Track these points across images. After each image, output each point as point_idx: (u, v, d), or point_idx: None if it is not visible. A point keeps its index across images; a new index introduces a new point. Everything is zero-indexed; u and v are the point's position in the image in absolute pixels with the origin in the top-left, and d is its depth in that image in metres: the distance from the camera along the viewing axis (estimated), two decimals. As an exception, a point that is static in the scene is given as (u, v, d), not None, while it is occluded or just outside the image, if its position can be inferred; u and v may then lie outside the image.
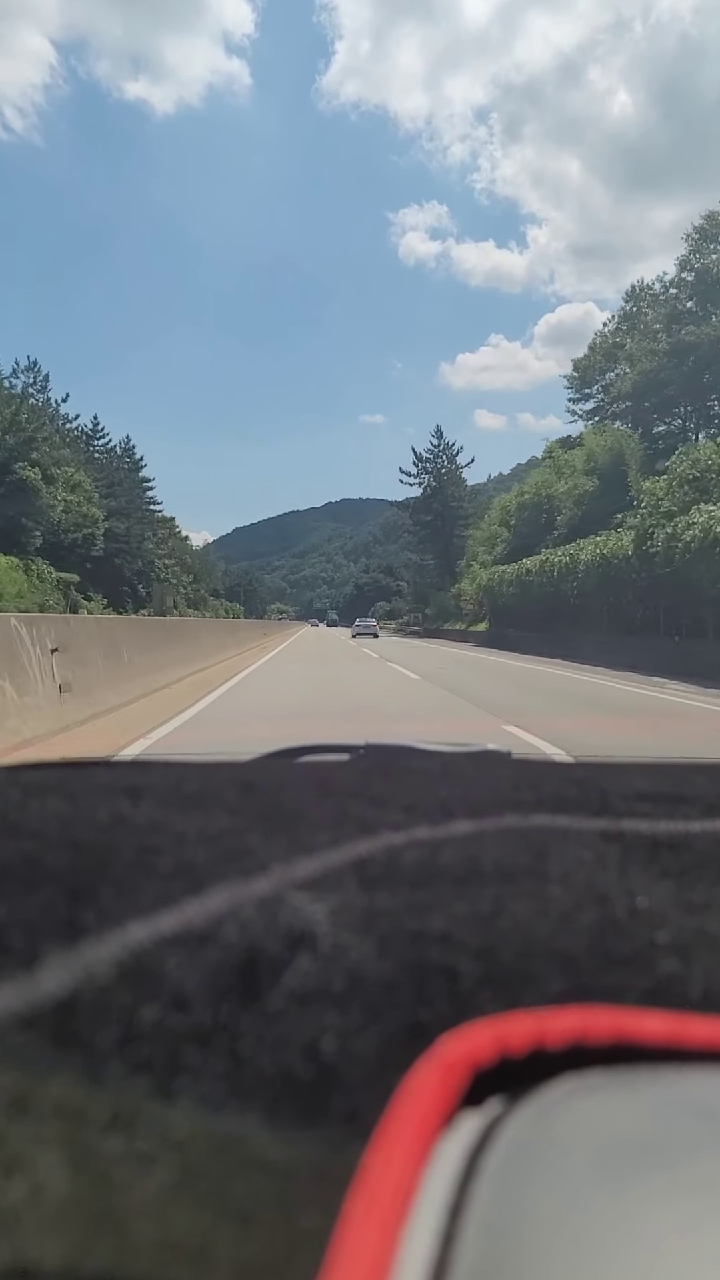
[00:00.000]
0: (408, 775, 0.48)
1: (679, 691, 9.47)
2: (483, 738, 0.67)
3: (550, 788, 0.42)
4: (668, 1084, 0.19)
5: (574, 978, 0.23)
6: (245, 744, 0.95)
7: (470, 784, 0.44)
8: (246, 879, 0.27)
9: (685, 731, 6.31)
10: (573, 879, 0.29)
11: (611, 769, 0.50)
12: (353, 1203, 0.16)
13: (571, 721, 6.52)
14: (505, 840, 0.33)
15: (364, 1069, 0.19)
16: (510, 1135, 0.17)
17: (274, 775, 0.48)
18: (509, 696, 8.60)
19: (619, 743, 5.44)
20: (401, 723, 6.39)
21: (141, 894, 0.26)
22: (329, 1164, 0.17)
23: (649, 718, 7.03)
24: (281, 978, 0.22)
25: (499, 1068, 0.19)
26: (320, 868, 0.28)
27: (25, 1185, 0.16)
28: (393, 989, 0.22)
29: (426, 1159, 0.17)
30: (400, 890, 0.27)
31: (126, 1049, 0.19)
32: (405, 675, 11.34)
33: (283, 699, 8.09)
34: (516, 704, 7.70)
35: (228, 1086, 0.18)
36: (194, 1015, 0.20)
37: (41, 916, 0.25)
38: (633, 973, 0.23)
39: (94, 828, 0.33)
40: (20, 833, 0.32)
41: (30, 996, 0.20)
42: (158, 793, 0.40)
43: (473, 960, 0.23)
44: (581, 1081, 0.19)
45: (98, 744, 4.84)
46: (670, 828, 0.35)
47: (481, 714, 6.85)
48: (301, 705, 7.39)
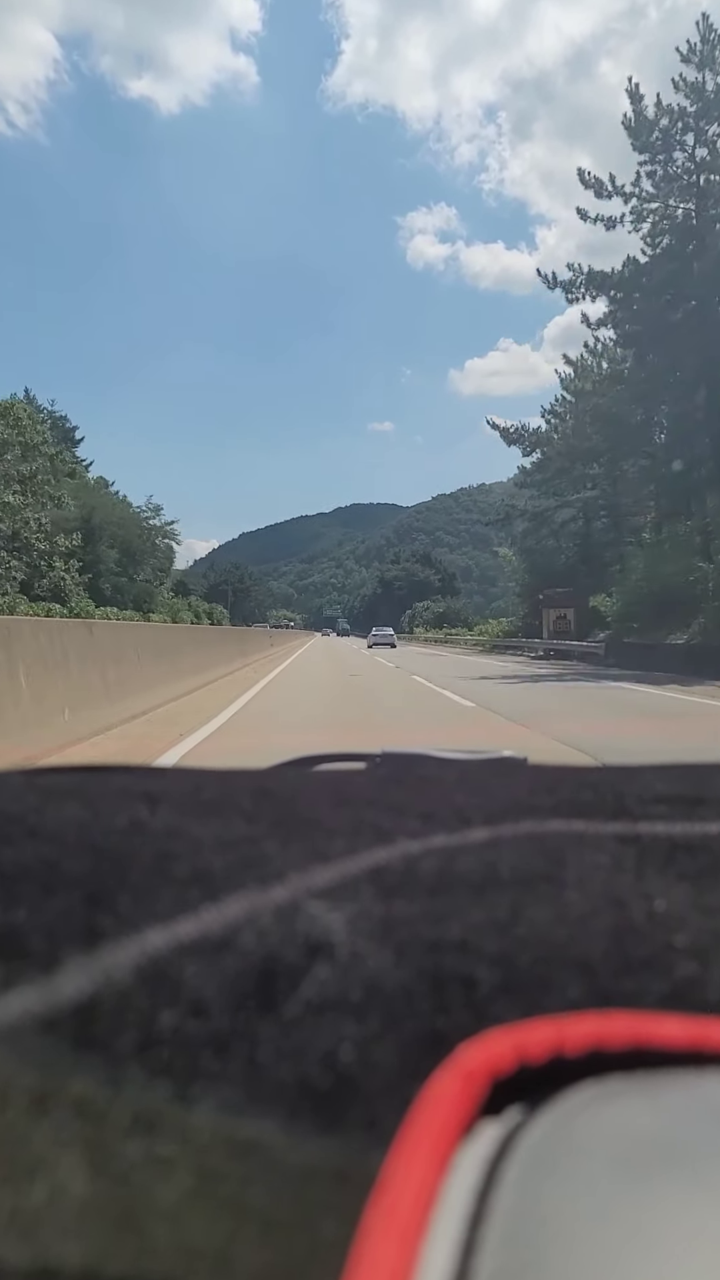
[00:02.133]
0: (424, 783, 0.49)
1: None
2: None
3: (566, 792, 0.43)
4: (688, 1089, 0.19)
5: (592, 983, 0.23)
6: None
7: (486, 791, 0.45)
8: (264, 887, 0.27)
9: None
10: (589, 884, 0.29)
11: (628, 771, 0.50)
12: (372, 1211, 0.16)
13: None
14: (522, 846, 0.33)
15: (382, 1077, 0.19)
16: (530, 1143, 0.17)
17: (290, 783, 0.49)
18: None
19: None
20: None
21: (159, 900, 0.26)
22: (348, 1172, 0.17)
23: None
24: (299, 986, 0.22)
25: (518, 1075, 0.19)
26: (337, 876, 0.29)
27: (46, 1187, 0.16)
28: (411, 997, 0.22)
29: (446, 1168, 0.17)
30: (417, 898, 0.27)
31: (145, 1054, 0.19)
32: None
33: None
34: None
35: (246, 1093, 0.19)
36: (212, 1022, 0.21)
37: (61, 921, 0.25)
38: (651, 977, 0.23)
39: (112, 833, 0.33)
40: (39, 837, 0.32)
41: (50, 999, 0.21)
42: (175, 799, 0.40)
43: (490, 967, 0.23)
44: (601, 1088, 0.19)
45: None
46: (687, 830, 0.35)
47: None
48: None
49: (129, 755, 4.71)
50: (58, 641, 5.45)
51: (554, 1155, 0.17)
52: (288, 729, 6.64)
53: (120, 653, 6.97)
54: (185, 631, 13.20)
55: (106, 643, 6.64)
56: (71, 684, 5.49)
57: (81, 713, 5.48)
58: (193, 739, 5.68)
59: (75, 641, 5.80)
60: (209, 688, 10.18)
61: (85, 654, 5.92)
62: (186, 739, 5.65)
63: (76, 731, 5.23)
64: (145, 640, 8.34)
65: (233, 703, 8.51)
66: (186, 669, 9.79)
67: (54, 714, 5.04)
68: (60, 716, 5.12)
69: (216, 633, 18.22)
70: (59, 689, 5.24)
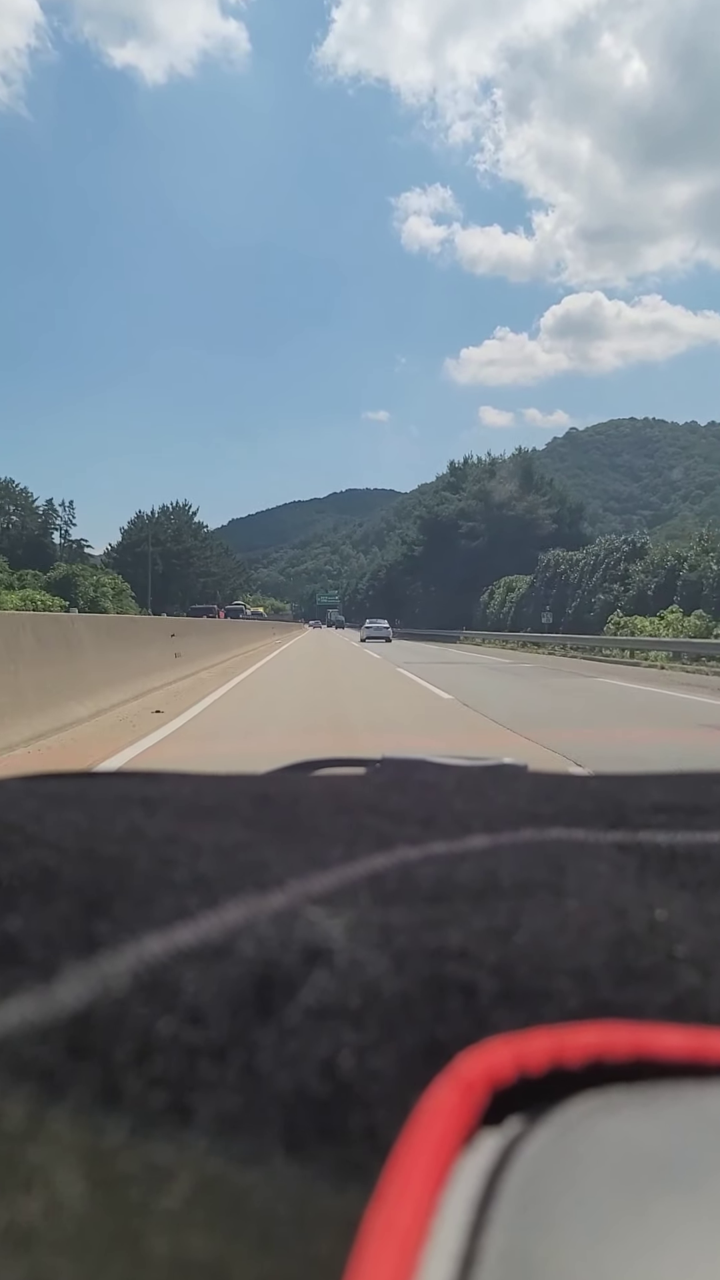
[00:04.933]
0: (424, 789, 0.49)
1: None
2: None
3: (566, 801, 0.44)
4: (689, 1100, 0.19)
5: (592, 993, 0.23)
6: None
7: (486, 798, 0.45)
8: (262, 893, 0.28)
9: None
10: (590, 893, 0.29)
11: (628, 781, 0.51)
12: (370, 1222, 0.16)
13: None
14: (522, 854, 0.33)
15: (381, 1086, 0.19)
16: (530, 1155, 0.18)
17: (289, 788, 0.49)
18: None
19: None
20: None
21: (158, 907, 0.27)
22: (346, 1183, 0.17)
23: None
24: (297, 993, 0.22)
25: (518, 1086, 0.19)
26: (336, 882, 0.29)
27: (40, 1201, 0.16)
28: (410, 1005, 0.22)
29: (445, 1179, 0.17)
30: (417, 905, 0.28)
31: (143, 1062, 0.20)
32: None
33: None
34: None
35: (243, 1102, 0.19)
36: (210, 1029, 0.21)
37: (58, 928, 0.25)
38: (652, 987, 0.24)
39: (110, 839, 0.34)
40: (37, 844, 0.33)
41: (47, 1008, 0.21)
42: (174, 805, 0.41)
43: (490, 976, 0.23)
44: (601, 1099, 0.19)
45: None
46: (688, 839, 0.36)
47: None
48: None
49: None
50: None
51: (554, 1167, 0.17)
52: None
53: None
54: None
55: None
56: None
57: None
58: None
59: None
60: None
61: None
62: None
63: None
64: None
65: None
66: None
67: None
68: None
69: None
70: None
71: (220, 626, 20.52)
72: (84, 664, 7.11)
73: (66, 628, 7.09)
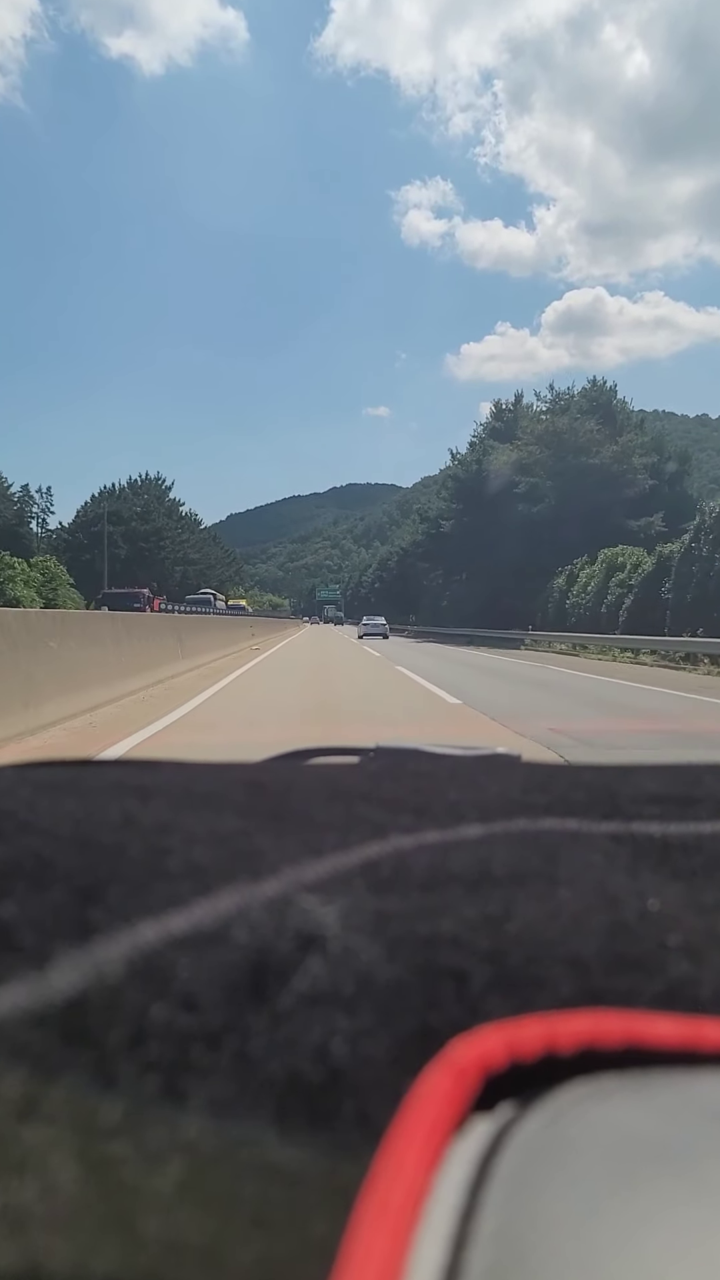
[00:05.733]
0: (417, 778, 0.50)
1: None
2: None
3: (560, 791, 0.44)
4: (680, 1088, 0.19)
5: (585, 981, 0.23)
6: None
7: (480, 787, 0.45)
8: (256, 880, 0.28)
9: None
10: (583, 882, 0.30)
11: (621, 771, 0.51)
12: (363, 1206, 0.16)
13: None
14: (515, 843, 0.34)
15: (374, 1072, 0.20)
16: (522, 1140, 0.18)
17: (283, 777, 0.49)
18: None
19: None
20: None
21: (152, 894, 0.27)
22: (339, 1167, 0.17)
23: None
24: (291, 980, 0.23)
25: (510, 1072, 0.19)
26: (329, 870, 0.29)
27: (35, 1184, 0.16)
28: (403, 992, 0.22)
29: (438, 1163, 0.17)
30: (410, 893, 0.28)
31: (136, 1048, 0.20)
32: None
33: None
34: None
35: (237, 1087, 0.19)
36: (203, 1016, 0.21)
37: (52, 915, 0.26)
38: (644, 975, 0.24)
39: (104, 827, 0.34)
40: (31, 831, 0.33)
41: (41, 995, 0.21)
42: (168, 792, 0.41)
43: (483, 964, 0.24)
44: (593, 1086, 0.19)
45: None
46: (681, 829, 0.36)
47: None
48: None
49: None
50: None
51: (546, 1152, 0.17)
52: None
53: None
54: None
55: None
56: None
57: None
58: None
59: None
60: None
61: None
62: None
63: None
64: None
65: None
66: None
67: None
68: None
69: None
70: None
71: (134, 627, 9.41)
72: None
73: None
